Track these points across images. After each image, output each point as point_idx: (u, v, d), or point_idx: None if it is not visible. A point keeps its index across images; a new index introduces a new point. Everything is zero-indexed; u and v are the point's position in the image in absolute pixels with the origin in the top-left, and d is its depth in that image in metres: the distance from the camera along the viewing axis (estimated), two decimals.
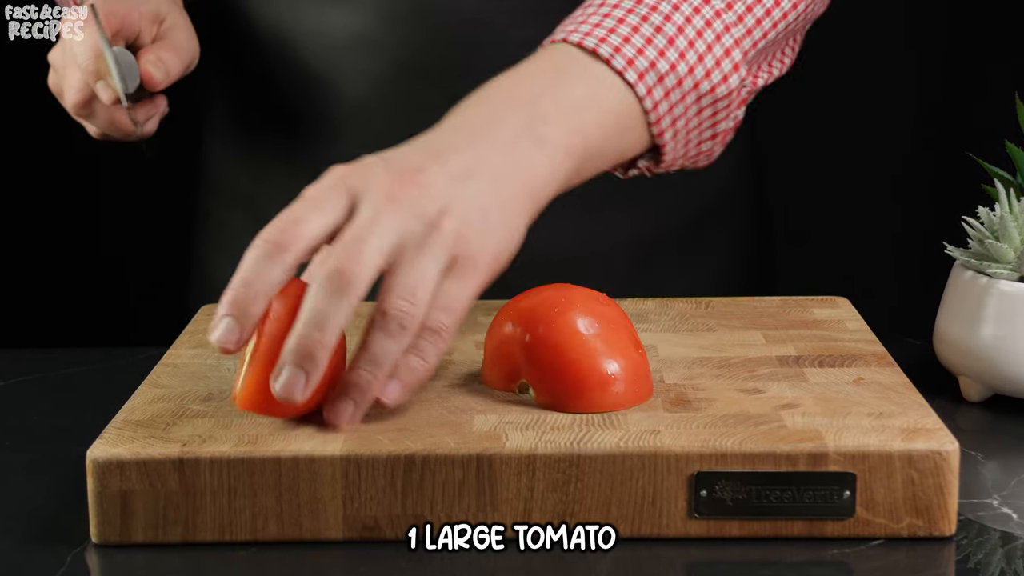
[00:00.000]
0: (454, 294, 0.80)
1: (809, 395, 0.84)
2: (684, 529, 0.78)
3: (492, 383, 0.86)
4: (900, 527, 0.78)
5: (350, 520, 0.78)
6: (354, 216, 0.79)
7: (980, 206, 0.95)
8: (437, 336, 0.79)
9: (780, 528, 0.78)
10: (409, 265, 0.79)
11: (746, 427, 0.79)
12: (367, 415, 0.82)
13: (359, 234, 0.78)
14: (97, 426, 0.83)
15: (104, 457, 0.77)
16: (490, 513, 0.77)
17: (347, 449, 0.77)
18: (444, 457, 0.77)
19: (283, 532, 0.78)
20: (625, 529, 0.78)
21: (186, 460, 0.77)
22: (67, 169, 1.74)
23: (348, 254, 0.77)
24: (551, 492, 0.77)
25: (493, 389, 0.86)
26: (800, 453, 0.77)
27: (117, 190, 1.78)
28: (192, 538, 0.78)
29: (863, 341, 0.94)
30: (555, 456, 0.77)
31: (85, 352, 1.08)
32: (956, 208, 1.05)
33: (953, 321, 0.95)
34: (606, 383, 0.82)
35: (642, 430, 0.79)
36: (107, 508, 0.77)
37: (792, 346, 0.93)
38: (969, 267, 0.95)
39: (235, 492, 0.77)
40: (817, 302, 1.03)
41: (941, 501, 0.77)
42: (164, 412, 0.83)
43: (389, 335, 0.78)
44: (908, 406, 0.83)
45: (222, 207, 1.23)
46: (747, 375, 0.88)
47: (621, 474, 0.77)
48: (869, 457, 0.77)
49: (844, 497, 0.77)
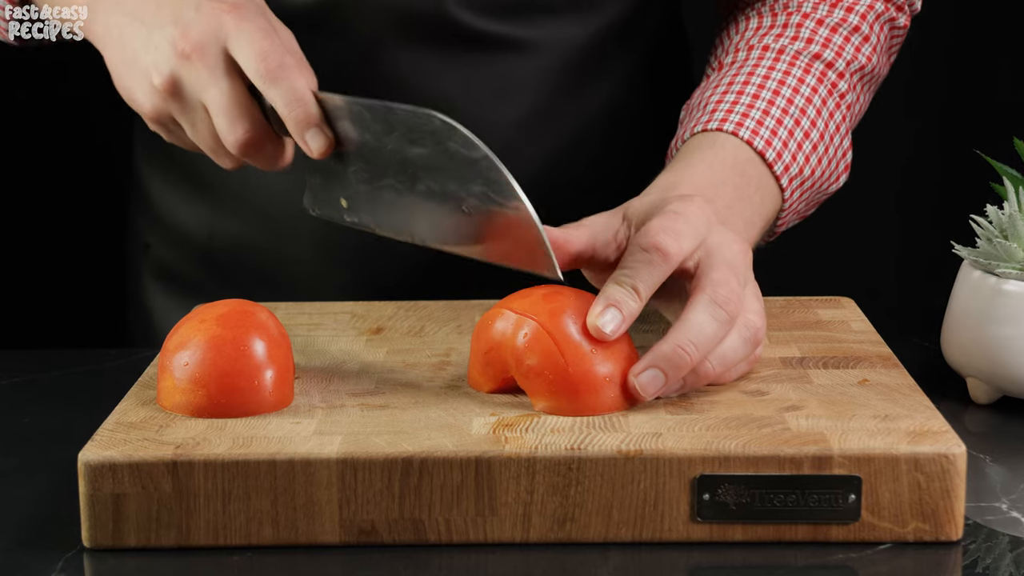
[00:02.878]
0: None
1: (813, 397, 0.84)
2: (686, 533, 0.77)
3: (480, 386, 0.85)
4: (906, 531, 0.77)
5: (346, 524, 0.77)
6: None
7: (989, 204, 0.95)
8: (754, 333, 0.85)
9: (784, 532, 0.77)
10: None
11: (749, 429, 0.79)
12: (365, 418, 0.81)
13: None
14: (89, 428, 0.82)
15: (96, 460, 0.77)
16: (489, 517, 0.77)
17: (343, 451, 0.77)
18: (442, 460, 0.76)
19: (278, 536, 0.77)
20: (626, 533, 0.77)
21: (179, 463, 0.76)
22: (58, 168, 1.73)
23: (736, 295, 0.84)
24: (551, 496, 0.77)
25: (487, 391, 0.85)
26: (804, 456, 0.76)
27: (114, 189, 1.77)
28: (186, 542, 0.77)
29: (868, 342, 0.94)
30: (555, 459, 0.76)
31: (76, 353, 1.07)
32: (964, 206, 1.05)
33: (961, 322, 0.95)
34: (600, 386, 0.81)
35: (644, 432, 0.78)
36: (99, 512, 0.77)
37: (796, 347, 0.93)
38: (977, 267, 0.95)
39: (229, 495, 0.77)
40: (821, 302, 1.02)
41: (948, 505, 0.77)
42: (157, 414, 0.83)
43: (715, 319, 0.82)
44: (914, 408, 0.82)
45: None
46: (750, 376, 0.87)
47: (622, 477, 0.76)
48: (875, 460, 0.76)
49: (849, 501, 0.77)
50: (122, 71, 0.97)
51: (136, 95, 0.96)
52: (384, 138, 0.88)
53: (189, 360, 0.82)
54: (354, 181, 0.92)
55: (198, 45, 0.92)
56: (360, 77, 1.08)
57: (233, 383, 0.82)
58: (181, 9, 0.93)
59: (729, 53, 1.08)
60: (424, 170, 0.86)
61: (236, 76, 0.92)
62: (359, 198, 0.92)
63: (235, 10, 0.92)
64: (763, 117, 1.00)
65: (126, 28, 0.96)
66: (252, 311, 0.85)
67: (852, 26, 1.06)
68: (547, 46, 1.10)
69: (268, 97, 0.90)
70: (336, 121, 0.90)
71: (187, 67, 0.92)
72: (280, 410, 0.83)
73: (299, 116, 0.90)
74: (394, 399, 0.84)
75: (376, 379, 0.88)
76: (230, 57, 0.92)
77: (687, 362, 0.82)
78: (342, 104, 0.89)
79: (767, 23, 1.07)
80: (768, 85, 1.02)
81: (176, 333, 0.84)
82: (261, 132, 0.92)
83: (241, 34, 0.91)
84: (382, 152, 0.88)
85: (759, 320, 0.85)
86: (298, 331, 0.98)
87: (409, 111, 0.85)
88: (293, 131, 0.90)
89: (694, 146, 0.99)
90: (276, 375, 0.83)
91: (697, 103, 1.04)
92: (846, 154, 1.05)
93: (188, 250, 1.18)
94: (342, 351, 0.93)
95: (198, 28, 0.92)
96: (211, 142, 0.95)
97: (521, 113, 1.11)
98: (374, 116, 0.88)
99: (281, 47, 0.91)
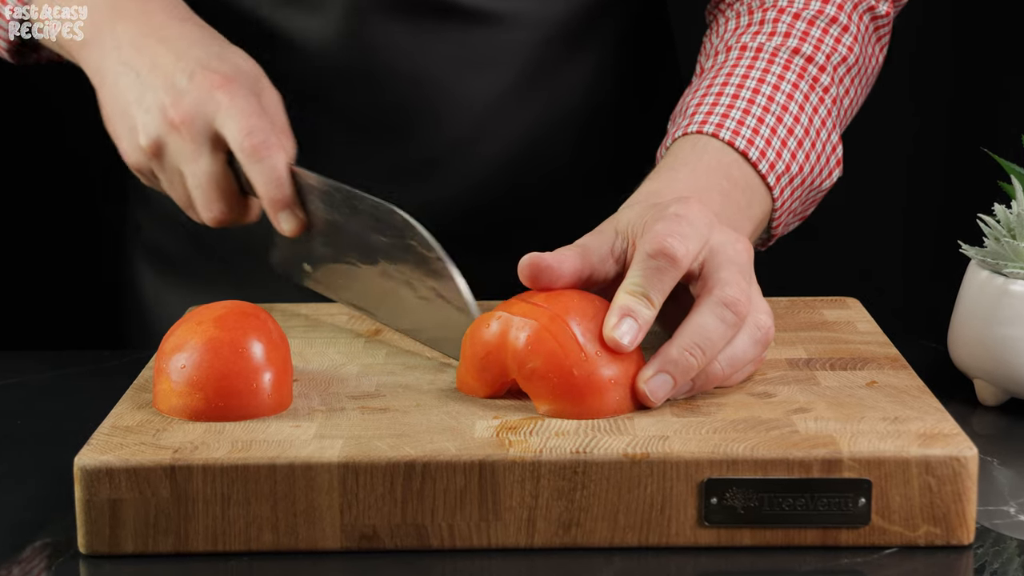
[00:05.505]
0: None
1: (821, 399, 0.83)
2: (694, 538, 0.76)
3: (473, 391, 0.84)
4: (917, 535, 0.77)
5: (348, 529, 0.76)
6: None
7: (996, 203, 0.95)
8: (763, 335, 0.84)
9: (793, 537, 0.77)
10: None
11: (757, 432, 0.78)
12: (365, 421, 0.80)
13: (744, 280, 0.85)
14: (81, 432, 0.82)
15: (92, 464, 0.76)
16: (493, 522, 0.76)
17: (344, 455, 0.76)
18: (445, 464, 0.76)
19: (278, 542, 0.76)
20: (633, 538, 0.76)
21: (178, 467, 0.76)
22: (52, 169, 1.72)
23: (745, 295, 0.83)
24: (556, 500, 0.76)
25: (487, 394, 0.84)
26: (814, 459, 0.76)
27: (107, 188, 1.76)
28: (184, 548, 0.76)
29: (875, 343, 0.93)
30: (560, 462, 0.76)
31: (68, 354, 1.07)
32: (971, 205, 1.05)
33: (968, 322, 0.94)
34: (605, 388, 0.81)
35: (650, 435, 0.78)
36: (95, 517, 0.76)
37: (802, 348, 0.92)
38: (985, 266, 0.95)
39: (228, 500, 0.76)
40: (827, 303, 1.02)
41: (959, 509, 0.76)
42: (153, 417, 0.82)
43: (723, 320, 0.82)
44: (924, 410, 0.82)
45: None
46: (757, 378, 0.87)
47: (629, 481, 0.76)
48: (885, 463, 0.76)
49: (859, 505, 0.76)
50: (114, 116, 1.00)
51: (122, 143, 1.00)
52: (351, 220, 0.93)
53: (186, 363, 0.81)
54: (319, 251, 0.97)
55: (187, 117, 0.95)
56: (336, 50, 1.07)
57: (231, 386, 0.81)
58: (175, 75, 0.97)
59: (709, 57, 1.07)
60: (384, 255, 0.92)
61: (219, 151, 0.96)
62: (321, 267, 0.98)
63: (227, 84, 0.96)
64: (743, 116, 0.99)
65: (121, 77, 0.99)
66: (250, 312, 0.84)
67: (829, 17, 1.05)
68: (525, 20, 1.09)
69: (248, 173, 0.95)
70: (307, 195, 0.95)
71: (173, 136, 0.96)
72: (279, 413, 0.82)
73: (275, 197, 0.94)
74: (395, 402, 0.84)
75: (376, 381, 0.87)
76: (216, 131, 0.95)
77: (694, 365, 0.81)
78: (315, 183, 0.94)
79: (744, 22, 1.06)
80: (747, 84, 1.01)
81: (172, 335, 0.83)
82: (234, 210, 0.98)
83: (230, 111, 0.94)
84: (347, 231, 0.94)
85: (768, 320, 0.84)
86: (295, 333, 0.97)
87: (374, 203, 0.91)
88: (268, 209, 0.95)
89: (676, 152, 0.98)
90: (275, 377, 0.82)
91: (679, 109, 1.03)
92: (836, 149, 1.04)
93: (178, 231, 1.18)
94: (341, 353, 0.93)
95: (189, 99, 0.95)
96: (185, 203, 1.00)
97: (498, 88, 1.10)
98: (342, 198, 0.93)
99: (268, 124, 0.95)
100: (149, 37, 0.99)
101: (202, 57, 0.97)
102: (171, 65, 0.97)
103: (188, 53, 0.97)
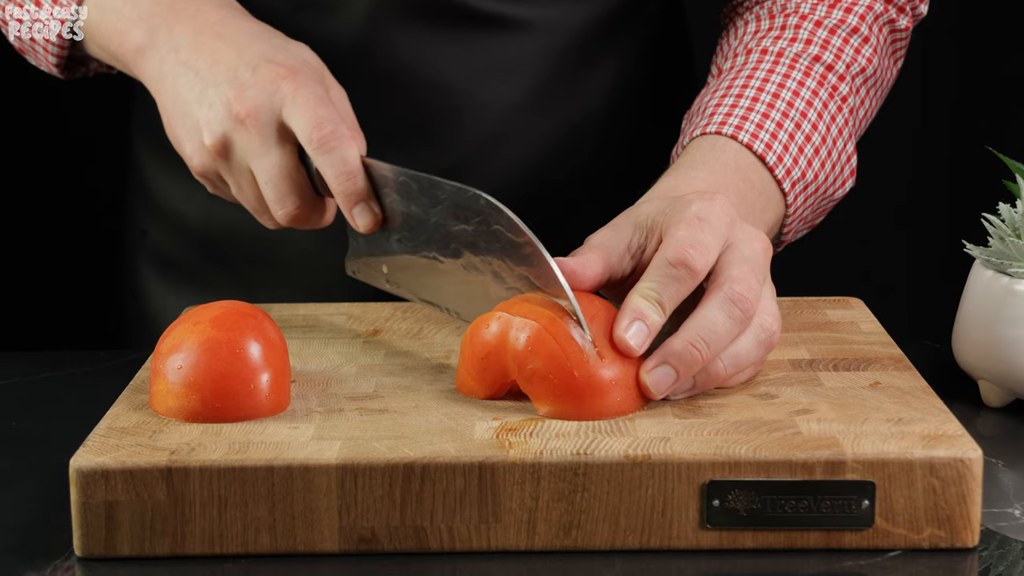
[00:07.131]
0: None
1: (824, 400, 0.83)
2: (696, 540, 0.76)
3: (473, 392, 0.83)
4: (921, 538, 0.76)
5: (346, 532, 0.76)
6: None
7: (1001, 202, 0.94)
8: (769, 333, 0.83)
9: (796, 539, 0.76)
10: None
11: (760, 434, 0.78)
12: (364, 422, 0.80)
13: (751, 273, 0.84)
14: (77, 433, 0.82)
15: (88, 466, 0.75)
16: (493, 524, 0.76)
17: (343, 457, 0.75)
18: (444, 465, 0.75)
19: (276, 544, 0.76)
20: (634, 540, 0.76)
21: (174, 469, 0.75)
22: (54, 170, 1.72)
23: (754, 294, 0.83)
24: (556, 502, 0.76)
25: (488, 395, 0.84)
26: (817, 461, 0.75)
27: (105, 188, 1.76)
28: (181, 551, 0.76)
29: (879, 344, 0.93)
30: (561, 464, 0.75)
31: (63, 355, 1.07)
32: (976, 205, 1.05)
33: (973, 322, 0.94)
34: (606, 389, 0.80)
35: (651, 437, 0.77)
36: (91, 519, 0.76)
37: (805, 349, 0.92)
38: (989, 266, 0.94)
39: (226, 502, 0.76)
40: (830, 303, 1.02)
41: (964, 511, 0.76)
42: (150, 419, 0.82)
43: (730, 316, 0.81)
44: (928, 411, 0.81)
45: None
46: (759, 379, 0.86)
47: (630, 483, 0.75)
48: (889, 465, 0.75)
49: (863, 507, 0.76)
50: (174, 121, 0.97)
51: (185, 147, 0.96)
52: (430, 210, 0.89)
53: (183, 363, 0.81)
54: (397, 248, 0.93)
55: (253, 110, 0.92)
56: (356, 56, 1.06)
57: (228, 387, 0.80)
58: (238, 68, 0.94)
59: (728, 58, 1.07)
60: (467, 246, 0.87)
61: (288, 144, 0.93)
62: (400, 266, 0.93)
63: (293, 76, 0.93)
64: (763, 120, 0.99)
65: (180, 78, 0.96)
66: (247, 313, 0.83)
67: (851, 27, 1.04)
68: (546, 26, 1.09)
69: (319, 165, 0.91)
70: (382, 189, 0.91)
71: (240, 132, 0.93)
72: (277, 414, 0.82)
73: (348, 190, 0.91)
74: (394, 403, 0.83)
75: (375, 382, 0.87)
76: (283, 124, 0.92)
77: (698, 359, 0.80)
78: (389, 174, 0.90)
79: (765, 26, 1.06)
80: (768, 88, 1.01)
81: (169, 336, 0.83)
82: (308, 206, 0.94)
83: (296, 101, 0.91)
84: (426, 224, 0.90)
85: (775, 323, 0.83)
86: (293, 333, 0.96)
87: (456, 188, 0.86)
88: (341, 204, 0.92)
89: (694, 150, 0.98)
90: (272, 378, 0.82)
91: (696, 108, 1.03)
92: (851, 159, 1.04)
93: (186, 236, 1.17)
94: (339, 353, 0.92)
95: (254, 92, 0.92)
96: (256, 205, 0.96)
97: (519, 95, 1.10)
98: (420, 188, 0.89)
99: (336, 114, 0.92)
100: (206, 35, 0.96)
101: (265, 50, 0.94)
102: (234, 59, 0.94)
103: (250, 47, 0.95)
